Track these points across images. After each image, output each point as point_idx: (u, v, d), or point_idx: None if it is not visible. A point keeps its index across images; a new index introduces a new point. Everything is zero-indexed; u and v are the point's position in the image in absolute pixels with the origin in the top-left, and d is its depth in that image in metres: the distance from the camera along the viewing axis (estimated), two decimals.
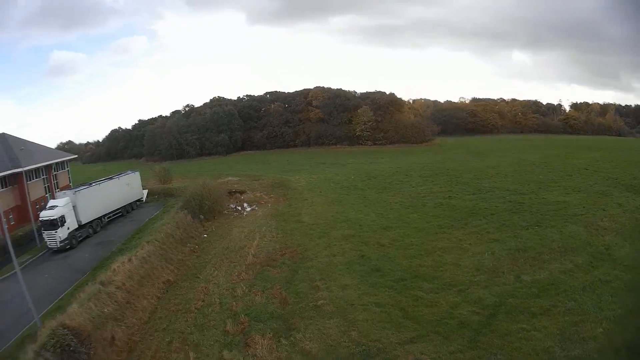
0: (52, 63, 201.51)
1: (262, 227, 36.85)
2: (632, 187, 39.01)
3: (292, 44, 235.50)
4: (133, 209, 42.61)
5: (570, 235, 27.26)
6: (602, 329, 16.15)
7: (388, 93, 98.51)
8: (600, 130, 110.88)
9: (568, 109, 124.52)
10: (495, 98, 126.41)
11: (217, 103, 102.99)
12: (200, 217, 40.41)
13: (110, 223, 38.03)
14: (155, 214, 39.99)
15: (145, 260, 26.55)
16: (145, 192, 47.36)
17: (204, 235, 36.43)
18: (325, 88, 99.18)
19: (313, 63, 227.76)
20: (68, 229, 31.24)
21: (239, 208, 46.52)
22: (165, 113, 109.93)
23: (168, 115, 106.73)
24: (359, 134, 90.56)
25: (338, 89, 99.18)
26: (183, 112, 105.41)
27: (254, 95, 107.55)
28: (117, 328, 19.33)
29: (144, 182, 49.16)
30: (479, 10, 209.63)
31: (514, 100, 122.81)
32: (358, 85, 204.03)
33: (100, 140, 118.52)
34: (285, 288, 23.77)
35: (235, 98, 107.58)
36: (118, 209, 39.72)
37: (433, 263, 25.15)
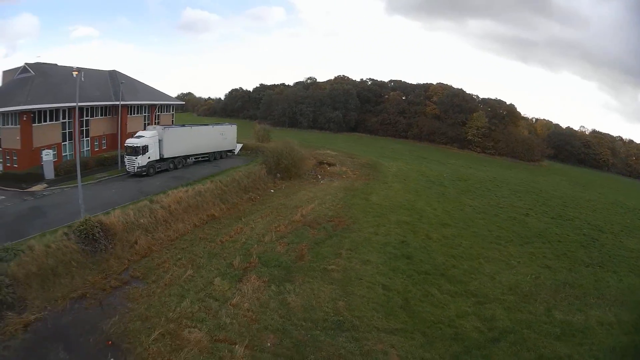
0: (183, 19, 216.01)
1: (327, 195, 36.64)
2: None
3: (424, 39, 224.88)
4: (222, 157, 45.71)
5: (629, 287, 22.59)
6: None
7: (508, 103, 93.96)
8: None
9: None
10: (614, 135, 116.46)
11: (339, 81, 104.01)
12: (277, 175, 42.12)
13: (195, 164, 41.40)
14: (239, 165, 42.83)
15: (200, 194, 28.86)
16: (239, 145, 50.88)
17: (271, 191, 37.90)
18: (446, 85, 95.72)
19: (441, 60, 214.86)
20: (148, 158, 34.64)
21: (319, 176, 47.06)
22: (289, 82, 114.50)
23: (290, 85, 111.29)
24: (470, 138, 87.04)
25: (459, 89, 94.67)
26: (304, 83, 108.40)
27: (377, 80, 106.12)
28: (143, 236, 21.62)
29: (245, 139, 52.91)
30: (615, 40, 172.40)
31: (631, 142, 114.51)
32: (479, 90, 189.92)
33: (222, 98, 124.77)
34: (310, 247, 23.37)
35: (358, 80, 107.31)
36: (205, 154, 43.10)
37: (468, 268, 22.24)
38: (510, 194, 44.75)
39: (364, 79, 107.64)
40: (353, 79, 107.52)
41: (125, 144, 34.55)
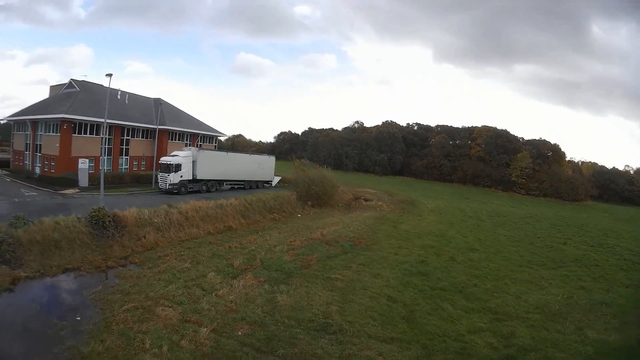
0: (237, 63, 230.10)
1: (355, 222, 35.61)
2: None
3: (470, 85, 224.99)
4: (258, 187, 46.22)
5: None
6: None
7: (552, 143, 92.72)
8: None
9: None
10: None
11: (386, 125, 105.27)
12: (308, 202, 41.89)
13: (230, 191, 41.65)
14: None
15: (221, 207, 29.34)
16: (277, 178, 51.65)
17: (298, 215, 37.56)
18: (491, 127, 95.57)
19: (487, 105, 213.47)
20: (181, 177, 35.37)
21: (351, 207, 46.23)
22: (337, 127, 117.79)
23: (338, 130, 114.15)
24: (514, 180, 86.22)
25: (503, 130, 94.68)
26: (351, 127, 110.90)
27: (422, 124, 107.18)
28: (152, 232, 22.05)
29: (285, 174, 53.39)
30: None
31: None
32: (524, 133, 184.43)
33: (271, 140, 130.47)
34: (320, 259, 22.30)
35: (405, 124, 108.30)
36: (241, 181, 43.99)
37: (492, 288, 19.65)
38: (550, 227, 41.44)
39: (410, 124, 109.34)
40: (399, 124, 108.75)
41: (160, 161, 36.22)
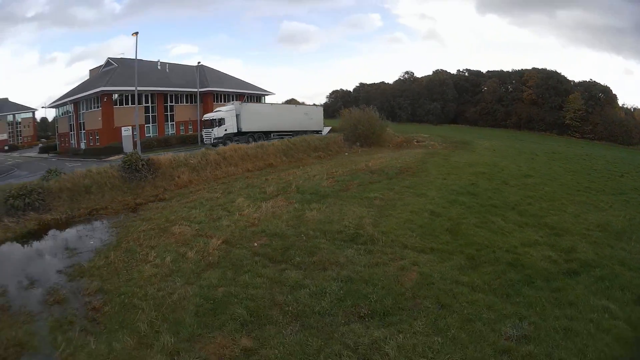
0: (281, 33, 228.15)
1: (404, 156, 33.00)
2: None
3: (516, 35, 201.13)
4: None
5: None
6: None
7: (603, 84, 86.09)
8: None
9: None
10: None
11: (437, 74, 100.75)
12: (357, 143, 39.97)
13: None
14: None
15: (262, 147, 28.71)
16: (327, 128, 50.03)
17: (345, 153, 35.86)
18: (541, 69, 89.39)
19: (535, 52, 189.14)
20: (225, 131, 35.40)
21: (403, 146, 43.52)
22: (388, 81, 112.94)
23: (390, 83, 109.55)
24: (568, 123, 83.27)
25: (553, 71, 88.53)
26: (402, 78, 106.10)
27: (473, 70, 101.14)
28: (187, 172, 21.85)
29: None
30: None
31: None
32: (573, 76, 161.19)
33: (324, 101, 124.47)
34: (361, 184, 20.43)
35: (454, 72, 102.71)
36: (289, 132, 42.33)
37: (546, 206, 16.81)
38: (606, 163, 36.74)
39: (461, 70, 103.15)
40: (450, 72, 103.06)
41: (203, 118, 36.40)
